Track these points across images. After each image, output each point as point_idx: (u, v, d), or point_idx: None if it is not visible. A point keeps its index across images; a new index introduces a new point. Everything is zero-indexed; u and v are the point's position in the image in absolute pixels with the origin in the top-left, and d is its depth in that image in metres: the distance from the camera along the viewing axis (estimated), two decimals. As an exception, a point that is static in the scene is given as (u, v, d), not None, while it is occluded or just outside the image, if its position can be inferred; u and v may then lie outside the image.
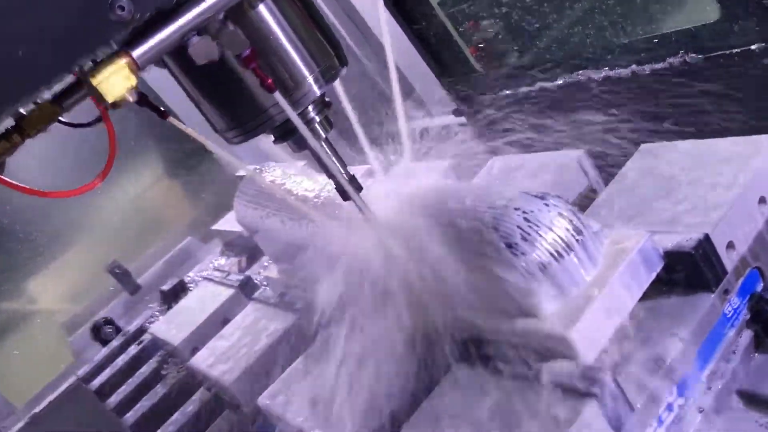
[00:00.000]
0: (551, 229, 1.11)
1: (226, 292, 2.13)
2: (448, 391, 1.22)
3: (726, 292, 1.18)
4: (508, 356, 1.19)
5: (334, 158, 1.26)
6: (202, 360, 1.84)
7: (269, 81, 1.12)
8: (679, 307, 1.18)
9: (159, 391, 2.05)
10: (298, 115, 1.17)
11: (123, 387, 2.19)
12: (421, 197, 1.39)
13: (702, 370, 1.16)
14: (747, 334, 1.22)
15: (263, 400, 1.52)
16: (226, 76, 1.14)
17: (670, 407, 1.12)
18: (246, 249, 2.62)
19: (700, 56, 1.63)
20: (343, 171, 1.27)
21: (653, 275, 1.15)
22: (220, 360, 1.78)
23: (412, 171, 1.53)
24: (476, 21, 2.45)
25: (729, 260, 1.18)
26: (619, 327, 1.11)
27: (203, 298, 2.20)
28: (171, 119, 1.52)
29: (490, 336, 1.23)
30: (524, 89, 2.10)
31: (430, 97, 2.83)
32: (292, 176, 1.72)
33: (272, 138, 1.27)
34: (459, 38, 2.37)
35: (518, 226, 1.12)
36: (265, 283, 2.05)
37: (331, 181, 1.29)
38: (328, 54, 1.22)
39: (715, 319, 1.17)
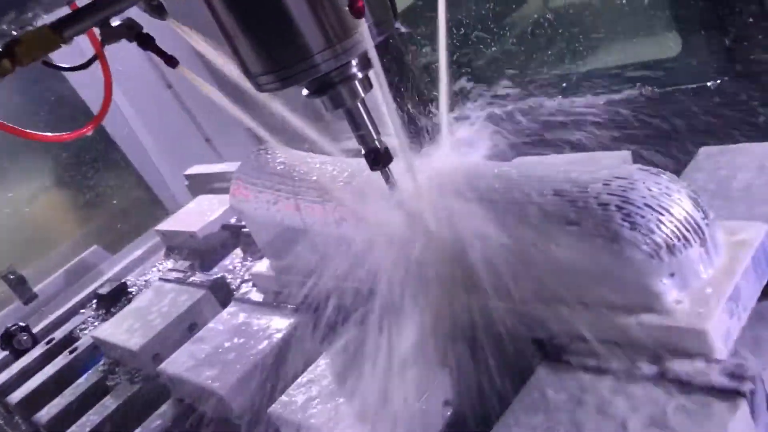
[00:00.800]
0: (682, 208, 0.99)
1: (192, 294, 1.87)
2: (540, 398, 1.05)
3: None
4: (604, 355, 1.04)
5: (369, 122, 1.14)
6: (177, 366, 1.57)
7: (360, 3, 0.96)
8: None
9: (109, 404, 1.74)
10: (340, 68, 1.05)
11: (57, 400, 1.86)
12: (466, 174, 1.25)
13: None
14: None
15: (277, 409, 1.29)
16: (280, 6, 0.98)
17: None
18: (197, 252, 2.35)
19: (657, 90, 1.63)
20: (377, 138, 1.16)
21: (771, 271, 1.06)
22: (203, 366, 1.53)
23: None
24: (428, 46, 2.37)
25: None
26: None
27: (161, 301, 1.91)
28: (181, 68, 1.33)
29: (579, 332, 1.08)
30: (474, 114, 2.06)
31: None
32: (309, 157, 1.53)
33: (306, 91, 1.11)
34: (410, 59, 2.30)
35: (646, 203, 0.99)
36: (247, 280, 1.81)
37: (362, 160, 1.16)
38: (385, 6, 1.08)
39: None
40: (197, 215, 2.42)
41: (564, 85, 1.86)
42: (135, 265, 2.58)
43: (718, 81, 1.55)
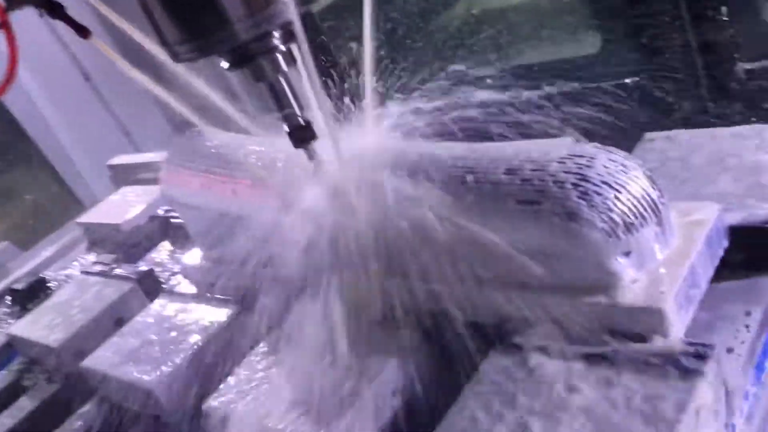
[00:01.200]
0: (639, 185, 0.97)
1: (119, 287, 1.75)
2: (492, 384, 1.01)
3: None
4: (557, 337, 1.01)
5: (292, 97, 1.10)
6: (102, 362, 1.47)
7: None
8: (743, 289, 1.08)
9: (25, 405, 1.61)
10: (260, 39, 1.01)
11: (-34, 402, 1.71)
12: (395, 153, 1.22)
13: None
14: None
15: (213, 404, 1.21)
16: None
17: (746, 395, 1.01)
18: (121, 246, 2.23)
19: (578, 86, 1.66)
20: (300, 114, 1.12)
21: (722, 252, 1.05)
22: (130, 361, 1.43)
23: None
24: (354, 41, 2.36)
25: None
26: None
27: (84, 295, 1.79)
28: (94, 39, 1.25)
29: (531, 315, 1.05)
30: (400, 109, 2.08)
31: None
32: (246, 139, 1.45)
33: (226, 64, 1.06)
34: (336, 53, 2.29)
35: (603, 180, 0.97)
36: (177, 272, 1.72)
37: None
38: None
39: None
40: (121, 207, 2.29)
41: (489, 81, 1.89)
42: (51, 261, 2.42)
43: (637, 78, 1.60)
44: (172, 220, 2.04)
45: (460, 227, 1.08)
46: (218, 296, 1.51)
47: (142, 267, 1.82)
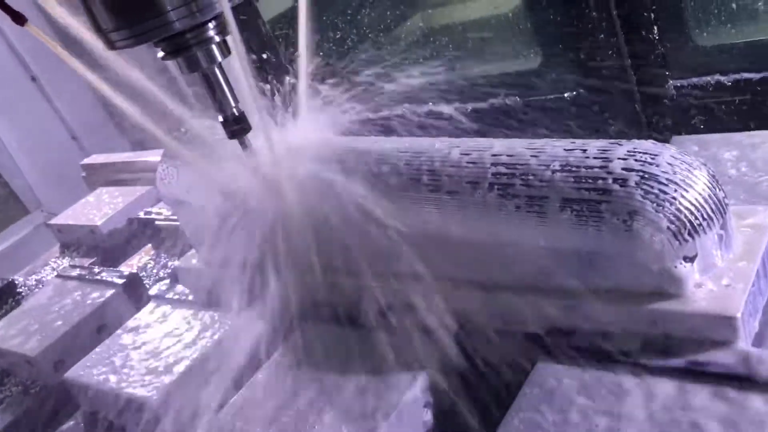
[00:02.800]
0: (705, 184, 0.91)
1: (102, 292, 1.63)
2: (542, 396, 0.93)
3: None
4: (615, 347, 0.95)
5: (227, 88, 1.10)
6: (89, 374, 1.34)
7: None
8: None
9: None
10: (195, 30, 1.02)
11: (-71, 417, 1.56)
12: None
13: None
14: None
15: (226, 417, 1.11)
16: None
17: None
18: (98, 249, 2.09)
19: (519, 99, 1.74)
20: (234, 105, 1.12)
21: (781, 257, 0.99)
22: (123, 373, 1.31)
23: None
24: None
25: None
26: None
27: (62, 300, 1.66)
28: (30, 26, 1.19)
29: (585, 323, 0.98)
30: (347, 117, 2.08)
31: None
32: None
33: (161, 53, 1.07)
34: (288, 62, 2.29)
35: (669, 178, 0.90)
36: (163, 278, 1.60)
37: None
38: None
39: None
40: (97, 208, 2.16)
41: (434, 93, 1.91)
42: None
43: (574, 92, 1.64)
44: (157, 223, 1.92)
45: (499, 230, 1.02)
46: (217, 302, 1.40)
47: (127, 271, 1.70)
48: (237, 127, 1.13)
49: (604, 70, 1.60)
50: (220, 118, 1.12)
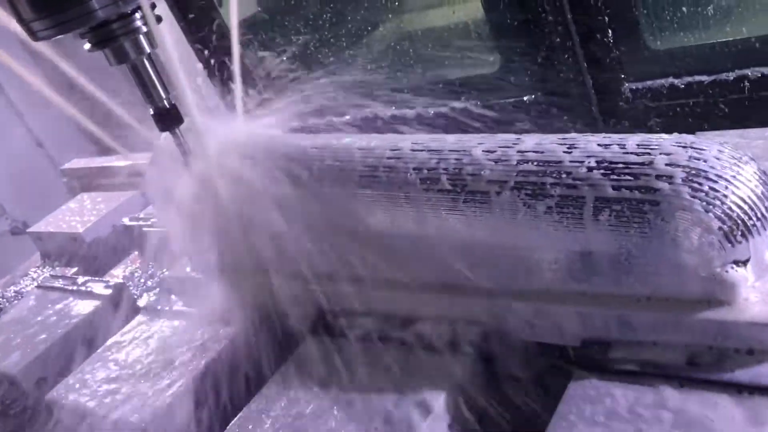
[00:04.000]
0: (757, 180, 0.83)
1: (87, 304, 1.53)
2: (591, 410, 0.84)
3: None
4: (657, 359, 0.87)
5: (156, 79, 1.09)
6: (75, 393, 1.24)
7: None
8: None
9: (-23, 444, 1.37)
10: (121, 20, 1.00)
11: None
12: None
13: None
14: None
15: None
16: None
17: None
18: (81, 257, 1.99)
19: (479, 102, 1.75)
20: (165, 97, 1.11)
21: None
22: (113, 392, 1.21)
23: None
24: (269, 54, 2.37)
25: None
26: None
27: (44, 312, 1.56)
28: None
29: (623, 335, 0.90)
30: (313, 122, 2.07)
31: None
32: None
33: (88, 44, 1.05)
34: (251, 66, 2.21)
35: (718, 174, 0.82)
36: (152, 288, 1.50)
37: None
38: None
39: None
40: (80, 214, 2.05)
41: (397, 97, 1.95)
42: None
43: (533, 96, 1.66)
44: (144, 229, 1.81)
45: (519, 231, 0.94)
46: (215, 311, 1.31)
47: (113, 281, 1.59)
48: (167, 119, 1.11)
49: (561, 74, 1.61)
50: (151, 110, 1.11)
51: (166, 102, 1.10)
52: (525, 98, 1.69)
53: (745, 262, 0.82)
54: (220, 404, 1.16)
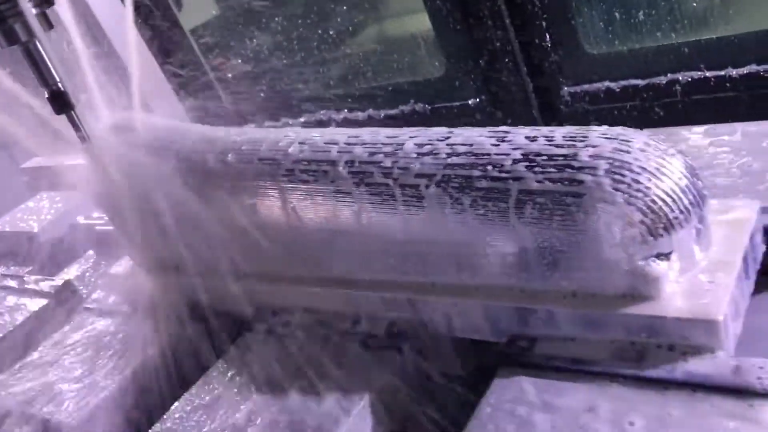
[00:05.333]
0: (682, 173, 0.82)
1: (31, 303, 1.50)
2: (512, 406, 0.82)
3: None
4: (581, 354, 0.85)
5: (50, 63, 1.10)
6: (8, 396, 1.21)
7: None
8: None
9: None
10: (8, 2, 1.01)
11: None
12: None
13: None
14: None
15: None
16: None
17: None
18: (37, 257, 1.95)
19: (427, 106, 1.82)
20: (59, 80, 1.12)
21: (762, 254, 0.90)
22: (45, 394, 1.18)
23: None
24: (226, 57, 2.40)
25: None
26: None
27: (-10, 312, 1.53)
28: None
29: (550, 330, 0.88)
30: (269, 124, 2.16)
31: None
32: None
33: None
34: (209, 69, 2.36)
35: (641, 166, 0.80)
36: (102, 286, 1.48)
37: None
38: None
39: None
40: (37, 214, 2.02)
41: (349, 100, 2.02)
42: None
43: (477, 99, 1.71)
44: (98, 228, 1.78)
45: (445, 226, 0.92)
46: (153, 311, 1.28)
47: (59, 280, 1.56)
48: (61, 102, 1.12)
49: (503, 78, 1.65)
50: (46, 94, 1.12)
51: (60, 85, 1.12)
52: (470, 102, 1.74)
53: (667, 255, 0.81)
54: (150, 404, 1.13)
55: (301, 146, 1.05)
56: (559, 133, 0.87)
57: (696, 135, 1.18)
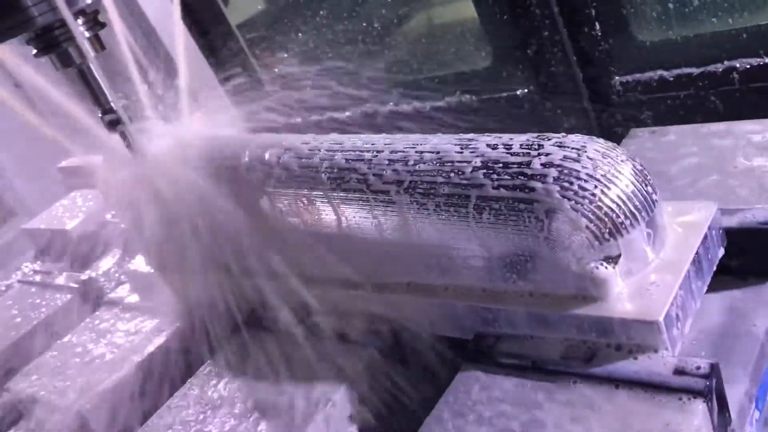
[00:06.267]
0: (630, 180, 0.85)
1: (57, 298, 1.61)
2: (464, 402, 0.88)
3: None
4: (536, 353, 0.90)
5: (102, 83, 1.14)
6: (28, 382, 1.32)
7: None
8: (744, 297, 0.96)
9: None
10: (63, 26, 1.04)
11: None
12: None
13: (770, 378, 0.95)
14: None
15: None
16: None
17: (750, 421, 0.89)
18: (70, 253, 2.06)
19: (474, 97, 1.76)
20: (112, 100, 1.15)
21: (720, 255, 0.93)
22: (60, 382, 1.28)
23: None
24: (272, 51, 2.42)
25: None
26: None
27: (20, 306, 1.64)
28: None
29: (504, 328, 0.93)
30: (315, 118, 2.18)
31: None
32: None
33: (35, 50, 1.09)
34: (256, 63, 2.38)
35: (589, 174, 0.84)
36: (124, 282, 1.57)
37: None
38: None
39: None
40: (70, 212, 2.14)
41: (395, 93, 1.98)
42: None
43: (526, 90, 1.66)
44: (122, 226, 1.88)
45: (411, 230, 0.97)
46: (163, 307, 1.37)
47: (83, 276, 1.67)
48: (113, 120, 1.15)
49: (552, 68, 1.61)
50: (99, 113, 1.15)
51: (112, 104, 1.15)
52: (518, 93, 1.70)
53: (615, 259, 0.85)
54: (161, 393, 1.21)
55: (293, 157, 1.10)
56: (518, 141, 0.91)
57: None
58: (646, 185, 0.87)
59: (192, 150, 1.24)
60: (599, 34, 1.52)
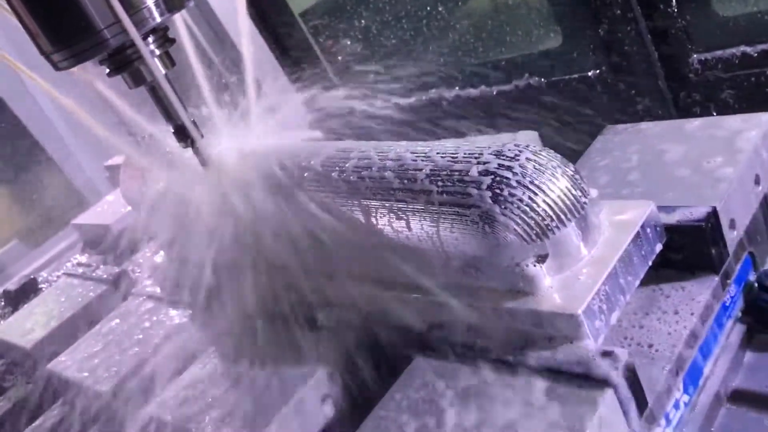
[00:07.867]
0: (557, 186, 0.93)
1: (94, 289, 1.78)
2: (415, 390, 0.98)
3: (727, 276, 1.05)
4: (476, 342, 0.99)
5: (174, 99, 1.14)
6: (64, 365, 1.48)
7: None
8: (680, 290, 1.03)
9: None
10: (132, 44, 1.05)
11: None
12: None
13: (704, 365, 1.01)
14: (739, 329, 1.09)
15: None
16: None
17: (676, 404, 0.96)
18: (112, 246, 2.24)
19: (543, 80, 1.71)
20: (184, 115, 1.17)
21: (657, 251, 1.00)
22: (90, 365, 1.44)
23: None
24: (335, 39, 2.41)
25: (730, 241, 1.06)
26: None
27: (64, 296, 1.82)
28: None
29: (450, 319, 1.03)
30: (379, 104, 2.08)
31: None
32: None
33: (108, 70, 1.13)
34: (319, 51, 2.36)
35: (519, 181, 0.93)
36: (147, 275, 1.72)
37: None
38: None
39: (717, 307, 1.04)
40: (113, 207, 2.32)
41: (460, 77, 1.94)
42: (54, 260, 2.47)
43: (598, 71, 1.60)
44: (156, 221, 2.04)
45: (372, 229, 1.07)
46: (180, 298, 1.51)
47: (120, 268, 1.83)
48: (186, 136, 1.18)
49: (626, 47, 1.55)
50: (171, 128, 1.19)
51: (184, 119, 1.17)
52: (590, 74, 1.64)
53: (544, 258, 0.93)
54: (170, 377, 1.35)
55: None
56: (462, 150, 1.00)
57: None
58: (575, 189, 0.94)
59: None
60: (675, 9, 1.45)
